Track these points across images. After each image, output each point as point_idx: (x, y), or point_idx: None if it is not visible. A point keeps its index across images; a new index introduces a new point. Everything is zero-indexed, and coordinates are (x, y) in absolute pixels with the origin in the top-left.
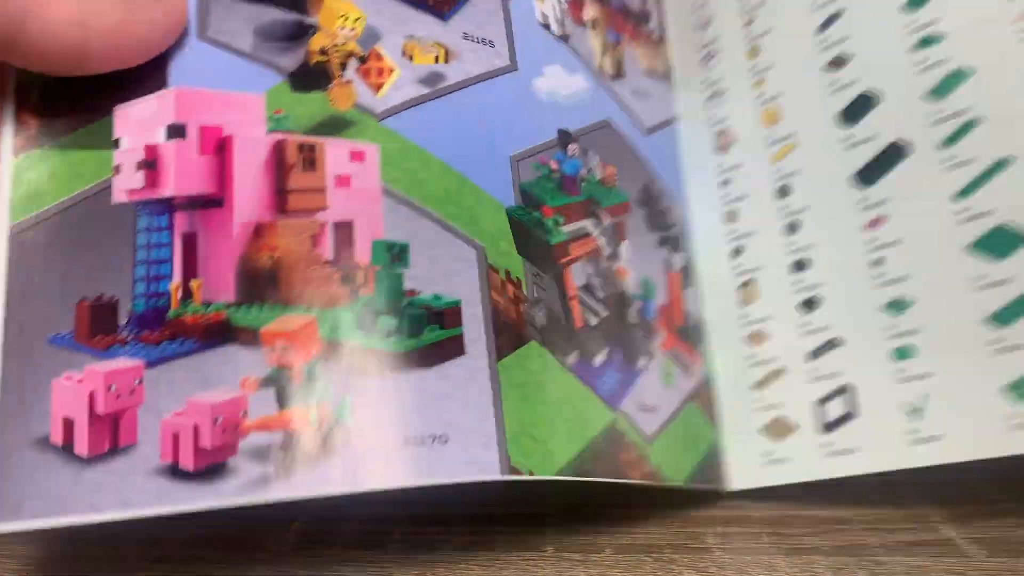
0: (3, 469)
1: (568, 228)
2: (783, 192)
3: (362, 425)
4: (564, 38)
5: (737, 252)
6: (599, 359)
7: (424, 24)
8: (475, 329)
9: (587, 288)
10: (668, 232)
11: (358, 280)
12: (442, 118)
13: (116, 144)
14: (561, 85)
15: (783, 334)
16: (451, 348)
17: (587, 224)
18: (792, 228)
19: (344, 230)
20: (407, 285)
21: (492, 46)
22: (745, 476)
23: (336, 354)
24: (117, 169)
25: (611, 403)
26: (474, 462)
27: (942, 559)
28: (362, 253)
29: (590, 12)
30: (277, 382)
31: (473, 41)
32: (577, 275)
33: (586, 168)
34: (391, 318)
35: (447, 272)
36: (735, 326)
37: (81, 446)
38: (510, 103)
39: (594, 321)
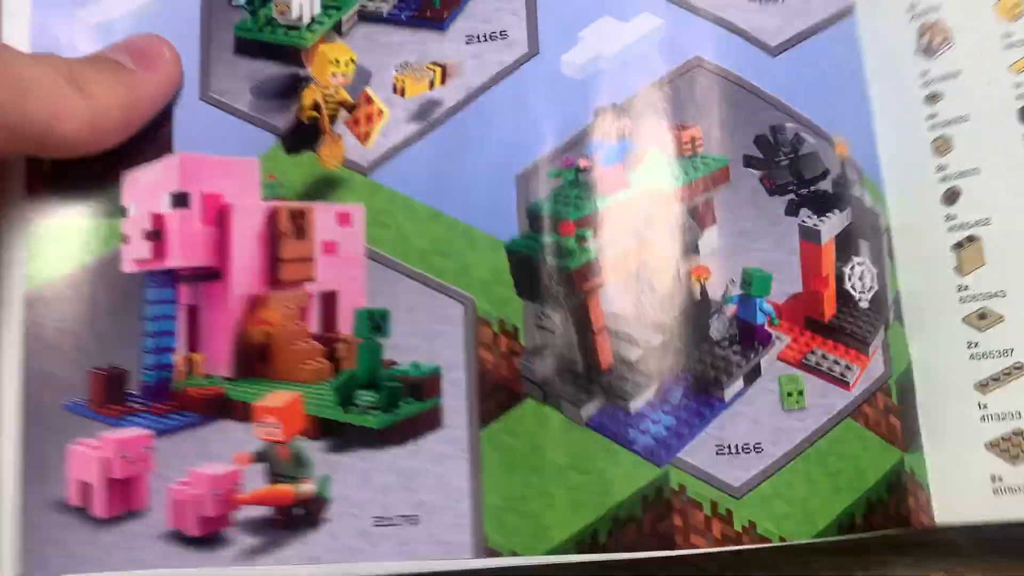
0: (26, 528)
1: (601, 242)
2: None
3: (342, 503)
4: None
5: (951, 198)
6: (639, 402)
7: (419, 43)
8: (455, 396)
9: (631, 313)
10: (811, 188)
11: (340, 353)
12: (433, 157)
13: (124, 212)
14: (608, 44)
15: None
16: (427, 421)
17: (636, 224)
18: None
19: (329, 300)
20: (387, 354)
21: (504, 37)
22: (961, 508)
23: (319, 431)
24: (126, 239)
25: (655, 456)
26: (444, 543)
27: None
28: (345, 322)
29: None
30: (267, 457)
31: (478, 42)
32: (613, 299)
33: (641, 147)
34: (370, 393)
35: (429, 335)
36: (948, 302)
37: (99, 508)
38: (524, 99)
39: (635, 355)
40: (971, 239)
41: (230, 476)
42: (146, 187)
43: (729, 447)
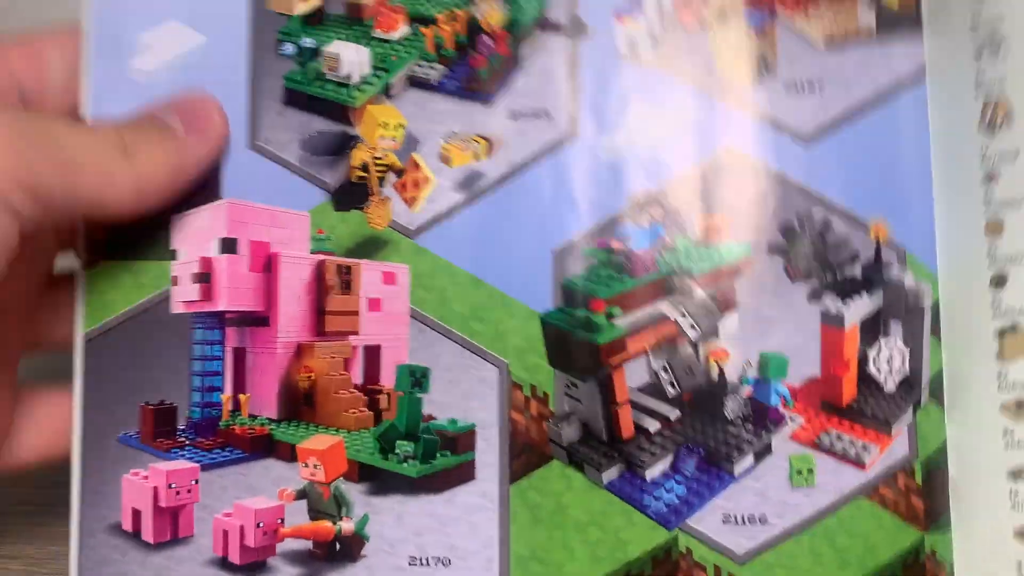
0: (84, 550)
1: (628, 320)
2: None
3: (378, 541)
4: (660, 61)
5: (999, 282)
6: (655, 471)
7: (465, 114)
8: (489, 453)
9: (651, 388)
10: (838, 273)
11: (382, 405)
12: (476, 226)
13: (174, 255)
14: (645, 129)
15: None
16: (462, 473)
17: (663, 306)
18: None
19: (373, 354)
20: (426, 410)
21: (547, 117)
22: None
23: (359, 475)
24: (175, 280)
25: (666, 520)
26: None
27: None
28: (387, 376)
29: (717, 2)
30: (309, 495)
31: (523, 119)
32: (636, 374)
33: (670, 233)
34: (408, 443)
35: (466, 394)
36: (987, 388)
37: (148, 534)
38: (564, 178)
39: (653, 427)
40: (1015, 327)
41: (274, 510)
42: (195, 232)
43: (735, 517)
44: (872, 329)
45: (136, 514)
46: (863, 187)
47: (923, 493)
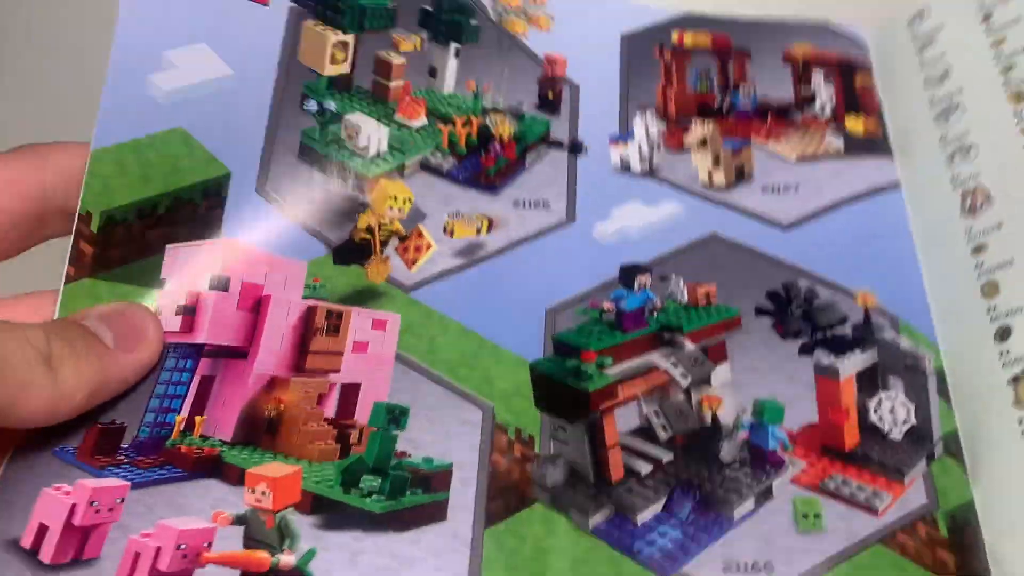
0: None
1: (618, 369)
2: None
3: None
4: (648, 173)
5: (1003, 335)
6: (647, 515)
7: (471, 200)
8: (465, 494)
9: (642, 431)
10: (827, 333)
11: (352, 439)
12: (472, 285)
13: (162, 283)
14: (635, 220)
15: None
16: (432, 513)
17: (654, 357)
18: None
19: (350, 391)
20: (400, 447)
21: (547, 207)
22: None
23: (312, 507)
24: (158, 309)
25: (661, 568)
26: None
27: None
28: (362, 413)
29: (698, 132)
30: (249, 522)
31: (524, 208)
32: (628, 418)
33: (660, 298)
34: (375, 478)
35: (446, 434)
36: (1010, 439)
37: (46, 553)
38: (559, 255)
39: (645, 469)
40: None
41: (202, 533)
42: (188, 264)
43: (737, 564)
44: (870, 382)
45: (42, 531)
46: (846, 265)
47: (951, 546)
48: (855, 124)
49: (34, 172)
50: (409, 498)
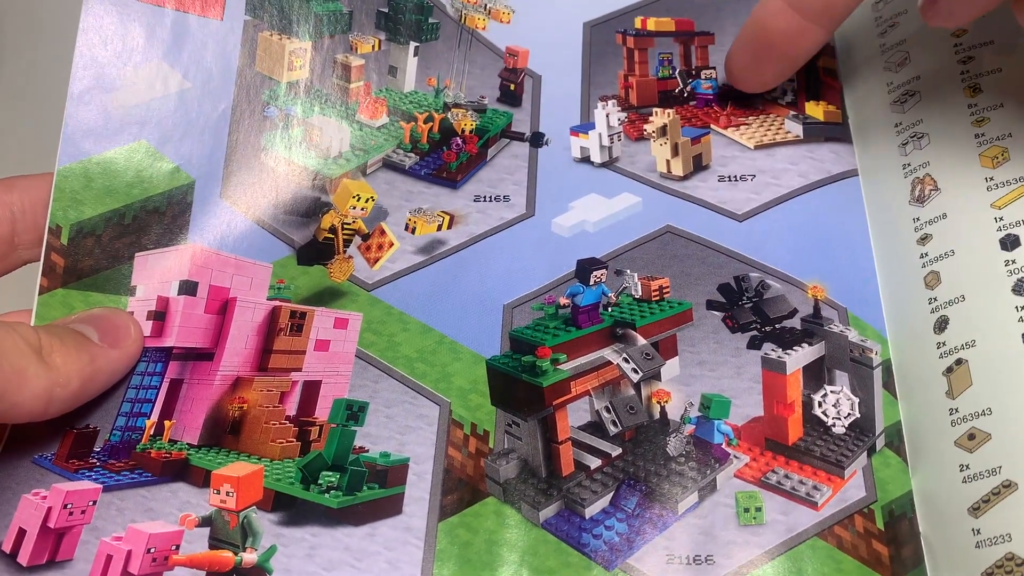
0: None
1: (573, 364)
2: (1010, 244)
3: (282, 575)
4: (608, 164)
5: (941, 325)
6: (595, 508)
7: (433, 196)
8: (419, 488)
9: (593, 425)
10: (776, 326)
11: (312, 436)
12: (432, 282)
13: (133, 291)
14: (593, 214)
15: (1014, 433)
16: (388, 507)
17: (606, 352)
18: (1022, 287)
19: (311, 388)
20: (359, 442)
21: (507, 200)
22: None
23: (274, 504)
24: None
25: (605, 560)
26: None
27: None
28: (323, 410)
29: (659, 121)
30: (214, 523)
31: (485, 201)
32: (578, 413)
33: (615, 292)
34: (333, 474)
35: (403, 430)
36: (942, 428)
37: (24, 556)
38: (518, 249)
39: (594, 464)
40: (959, 362)
41: (170, 536)
42: (157, 271)
43: (680, 557)
44: (816, 375)
45: (21, 534)
46: (798, 256)
47: (886, 538)
48: (815, 109)
49: (1, 194)
50: (366, 493)
